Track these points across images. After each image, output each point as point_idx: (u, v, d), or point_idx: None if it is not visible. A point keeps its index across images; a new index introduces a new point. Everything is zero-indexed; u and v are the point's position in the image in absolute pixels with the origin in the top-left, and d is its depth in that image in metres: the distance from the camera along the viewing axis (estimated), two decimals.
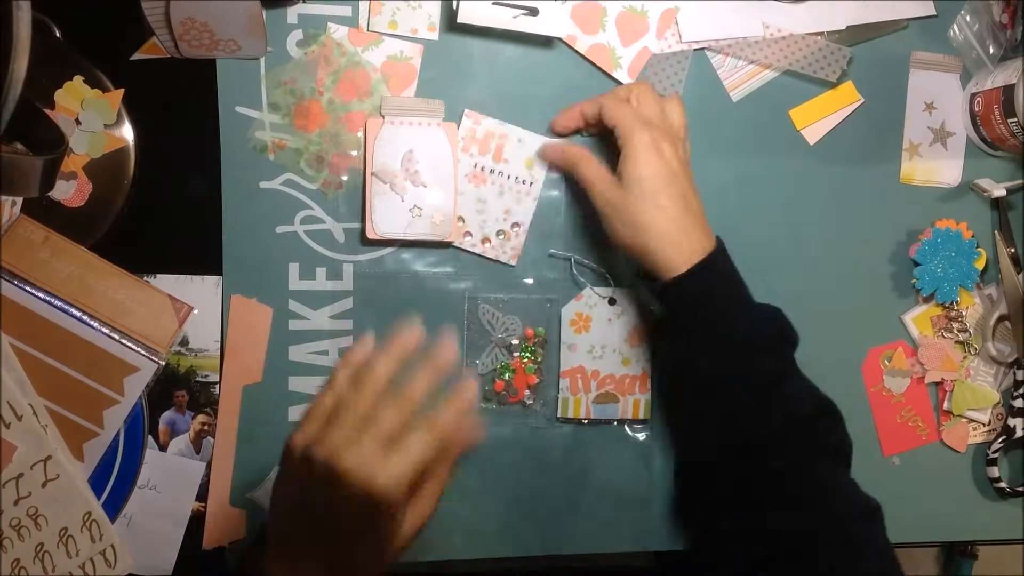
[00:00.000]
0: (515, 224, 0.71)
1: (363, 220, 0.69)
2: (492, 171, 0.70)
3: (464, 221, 0.71)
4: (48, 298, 0.65)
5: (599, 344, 0.72)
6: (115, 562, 0.64)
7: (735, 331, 0.63)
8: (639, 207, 0.63)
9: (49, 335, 0.65)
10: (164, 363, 0.67)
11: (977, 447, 0.78)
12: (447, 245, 0.71)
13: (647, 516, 0.74)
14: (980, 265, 0.76)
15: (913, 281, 0.76)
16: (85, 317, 0.65)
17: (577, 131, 0.72)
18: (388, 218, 0.69)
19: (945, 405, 0.77)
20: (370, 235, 0.69)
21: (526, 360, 0.71)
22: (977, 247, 0.76)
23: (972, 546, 1.37)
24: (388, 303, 0.71)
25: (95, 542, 0.64)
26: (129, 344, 0.66)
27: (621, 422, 0.73)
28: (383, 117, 0.69)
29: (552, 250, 0.72)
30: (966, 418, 0.77)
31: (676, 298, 0.64)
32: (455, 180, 0.70)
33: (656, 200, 0.63)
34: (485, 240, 0.71)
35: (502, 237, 0.71)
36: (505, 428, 0.72)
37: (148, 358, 0.66)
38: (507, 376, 0.71)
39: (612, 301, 0.72)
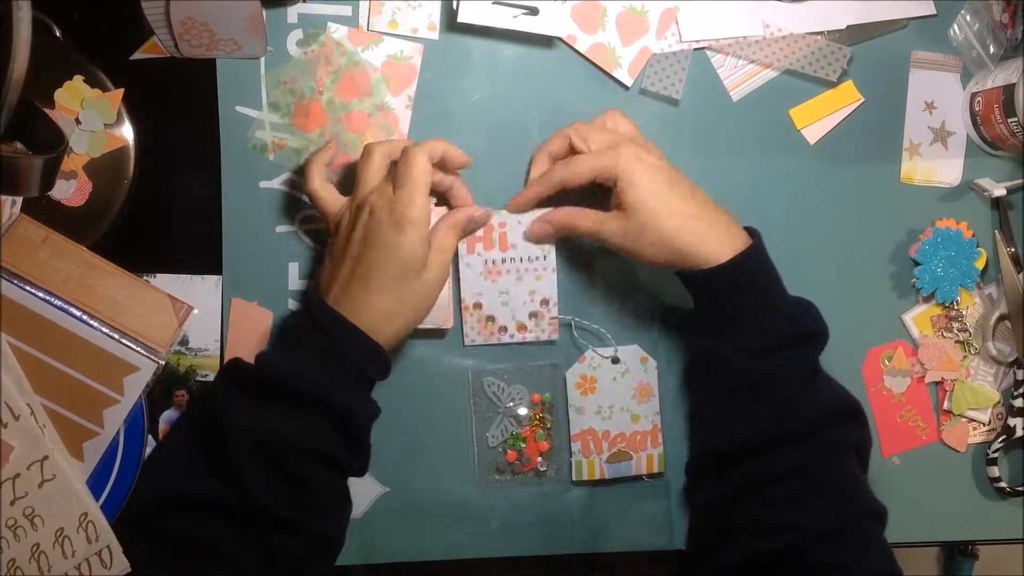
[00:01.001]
0: (544, 301, 0.71)
1: None
2: (504, 260, 0.70)
3: (494, 319, 0.70)
4: (48, 298, 0.65)
5: (607, 404, 0.72)
6: (111, 563, 0.64)
7: (773, 322, 0.63)
8: (656, 222, 0.62)
9: (49, 335, 0.65)
10: (164, 363, 0.67)
11: (977, 447, 0.78)
12: (443, 333, 0.71)
13: (670, 566, 0.73)
14: (980, 265, 0.76)
15: (913, 281, 0.76)
16: (85, 317, 0.65)
17: (539, 203, 0.69)
18: None
19: (945, 405, 0.77)
20: None
21: (535, 427, 0.71)
22: (977, 247, 0.76)
23: (972, 546, 1.36)
24: (391, 386, 0.68)
25: (91, 543, 0.64)
26: (129, 344, 0.66)
27: (636, 478, 0.73)
28: None
29: (554, 315, 0.72)
30: (966, 418, 0.77)
31: (715, 287, 0.64)
32: (450, 269, 0.68)
33: (669, 208, 0.63)
34: (521, 328, 0.71)
35: (535, 318, 0.71)
36: (521, 497, 0.72)
37: (148, 358, 0.66)
38: (518, 446, 0.71)
39: (615, 360, 0.72)
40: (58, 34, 0.67)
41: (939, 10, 0.76)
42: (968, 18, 0.76)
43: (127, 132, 0.68)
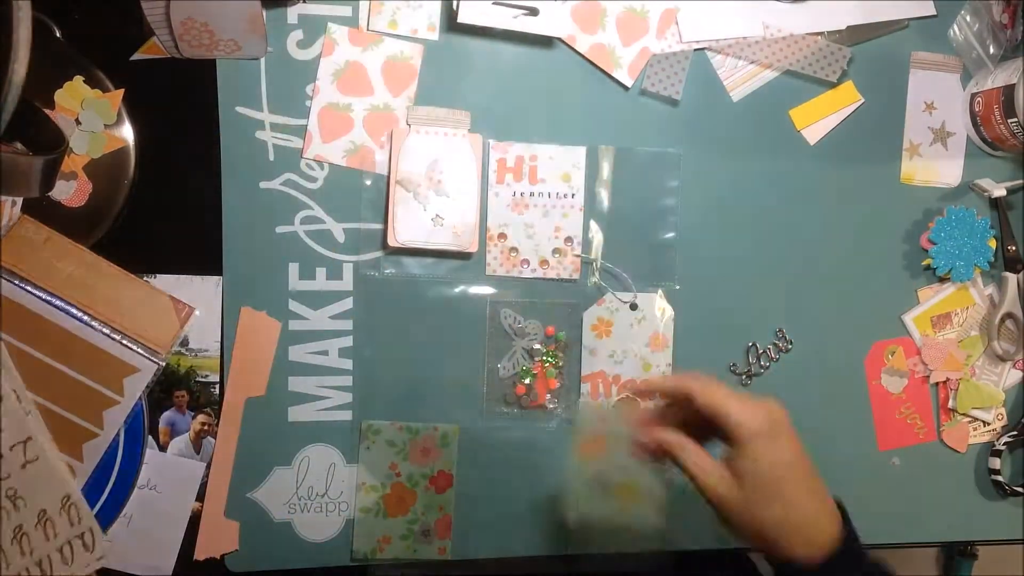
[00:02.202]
0: (568, 239, 0.71)
1: (384, 227, 0.69)
2: (532, 194, 0.70)
3: (517, 251, 0.71)
4: (49, 298, 0.65)
5: (620, 349, 0.72)
6: (93, 545, 0.64)
7: None
8: (760, 506, 0.56)
9: (50, 335, 0.64)
10: (164, 364, 0.67)
11: (978, 447, 0.78)
12: (468, 256, 0.71)
13: (667, 518, 0.73)
14: (993, 245, 0.76)
15: (927, 262, 0.76)
16: (86, 318, 0.65)
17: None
18: (410, 226, 0.69)
19: (950, 403, 0.77)
20: (391, 243, 0.69)
21: (547, 365, 0.71)
22: (990, 227, 0.76)
23: (972, 546, 1.37)
24: (410, 307, 0.71)
25: (73, 525, 0.63)
26: (129, 345, 0.66)
27: None
28: (409, 126, 0.69)
29: (577, 253, 0.72)
30: (970, 416, 0.77)
31: None
32: (479, 191, 0.70)
33: (780, 496, 0.56)
34: (543, 263, 0.71)
35: (558, 255, 0.71)
36: (526, 432, 0.72)
37: (148, 359, 0.66)
38: (528, 380, 0.71)
39: (634, 306, 0.72)
40: (58, 34, 0.67)
41: (939, 10, 0.76)
42: (968, 18, 0.76)
43: (127, 132, 0.68)
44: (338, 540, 0.70)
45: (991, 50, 0.76)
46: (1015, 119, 0.71)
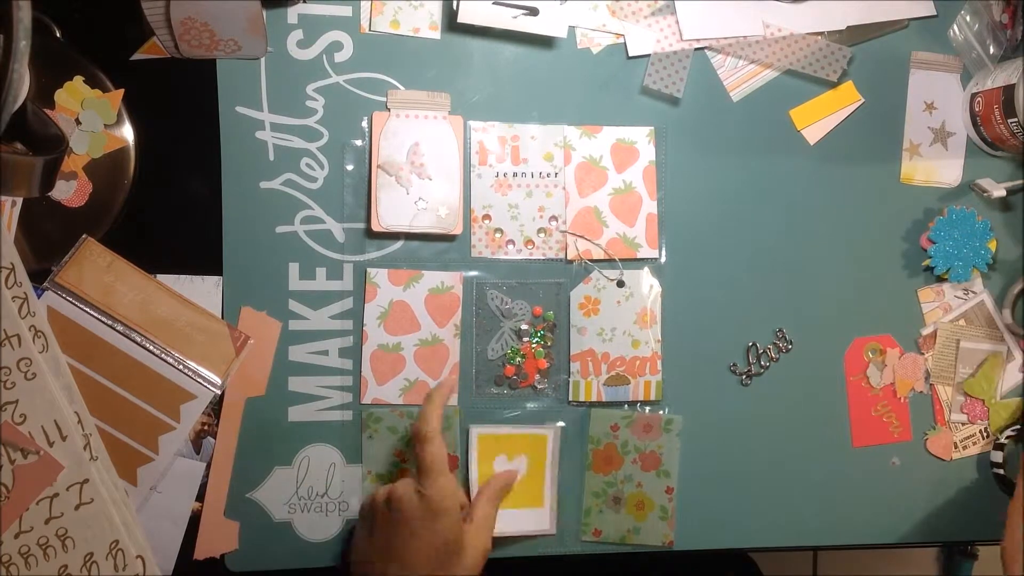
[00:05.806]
0: (553, 218, 0.71)
1: (368, 212, 0.69)
2: (515, 174, 0.71)
3: (502, 232, 0.71)
4: (110, 322, 0.65)
5: (608, 327, 0.72)
6: None
7: None
8: None
9: (110, 359, 0.65)
10: (221, 392, 0.67)
11: (979, 455, 0.78)
12: (452, 238, 0.71)
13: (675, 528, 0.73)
14: (993, 247, 0.76)
15: (926, 262, 0.76)
16: (146, 343, 0.66)
17: None
18: (393, 211, 0.69)
19: (979, 424, 0.77)
20: (375, 227, 0.69)
21: (536, 345, 0.71)
22: (991, 228, 0.76)
23: (972, 546, 1.37)
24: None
25: (118, 571, 0.63)
26: (187, 371, 0.66)
27: (632, 404, 0.73)
28: (389, 110, 0.69)
29: (563, 230, 0.72)
30: (957, 421, 0.77)
31: None
32: (461, 173, 0.70)
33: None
34: (528, 243, 0.71)
35: (544, 235, 0.71)
36: (516, 413, 0.72)
37: (205, 386, 0.66)
38: (517, 361, 0.71)
39: (620, 283, 0.72)
40: (58, 34, 0.67)
41: (939, 10, 0.76)
42: (968, 18, 0.76)
43: (127, 132, 0.68)
44: (338, 540, 0.70)
45: (991, 50, 0.76)
46: (1015, 119, 0.71)
